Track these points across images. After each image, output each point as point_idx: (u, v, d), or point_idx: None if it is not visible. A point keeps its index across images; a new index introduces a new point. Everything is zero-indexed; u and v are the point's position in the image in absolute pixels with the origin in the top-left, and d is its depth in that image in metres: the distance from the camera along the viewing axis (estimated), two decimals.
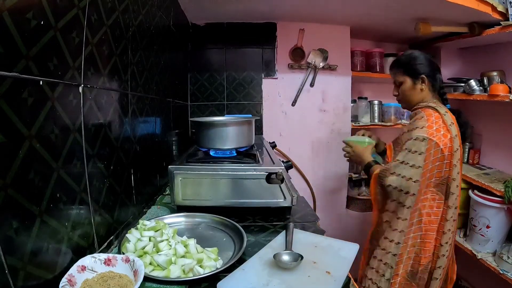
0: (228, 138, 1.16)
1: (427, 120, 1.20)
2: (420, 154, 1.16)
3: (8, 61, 0.46)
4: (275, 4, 1.80)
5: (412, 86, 1.34)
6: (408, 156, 1.17)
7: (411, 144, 1.18)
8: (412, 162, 1.16)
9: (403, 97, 1.39)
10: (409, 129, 1.24)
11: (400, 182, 1.17)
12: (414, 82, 1.33)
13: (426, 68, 1.33)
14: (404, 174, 1.17)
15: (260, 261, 0.73)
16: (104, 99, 0.80)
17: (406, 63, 1.36)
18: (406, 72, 1.35)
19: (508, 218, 1.68)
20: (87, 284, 0.60)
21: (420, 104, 1.32)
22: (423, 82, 1.32)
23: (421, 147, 1.16)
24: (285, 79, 2.20)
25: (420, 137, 1.17)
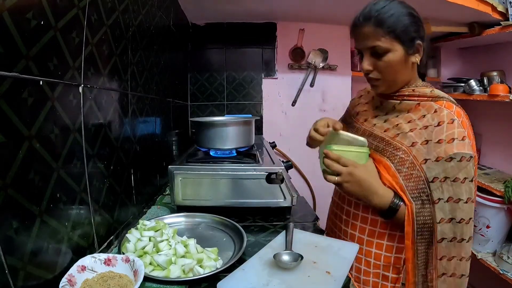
0: (228, 138, 1.16)
1: (461, 124, 0.79)
2: (471, 181, 0.77)
3: (8, 61, 0.46)
4: (275, 4, 1.80)
5: (403, 59, 0.82)
6: (457, 189, 0.77)
7: (454, 169, 0.76)
8: (466, 196, 0.77)
9: (386, 74, 0.84)
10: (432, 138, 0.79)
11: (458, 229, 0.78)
12: (407, 52, 0.82)
13: (421, 30, 0.83)
14: (461, 216, 0.77)
15: (260, 261, 0.73)
16: (104, 99, 0.80)
17: (395, 20, 0.79)
18: (396, 34, 0.80)
19: (508, 218, 1.68)
20: (87, 284, 0.60)
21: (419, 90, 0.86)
22: (417, 53, 0.84)
23: (471, 170, 0.77)
24: (285, 79, 2.20)
25: (466, 156, 0.76)
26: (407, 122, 0.85)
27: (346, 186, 0.81)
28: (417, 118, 0.83)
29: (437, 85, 2.35)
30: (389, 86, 0.87)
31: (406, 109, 0.87)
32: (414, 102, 0.85)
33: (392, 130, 0.87)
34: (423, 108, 0.83)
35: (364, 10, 0.83)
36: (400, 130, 0.85)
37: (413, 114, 0.85)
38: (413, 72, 0.87)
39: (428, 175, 0.78)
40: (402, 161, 0.82)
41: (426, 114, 0.82)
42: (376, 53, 0.82)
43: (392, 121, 0.88)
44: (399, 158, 0.82)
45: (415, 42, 0.82)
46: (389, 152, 0.85)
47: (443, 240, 0.78)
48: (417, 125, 0.82)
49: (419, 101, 0.85)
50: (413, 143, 0.81)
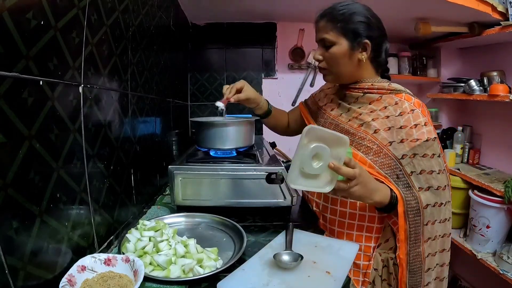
0: (228, 138, 1.16)
1: (421, 112, 0.89)
2: (439, 156, 0.88)
3: (8, 61, 0.46)
4: (275, 4, 1.80)
5: (347, 53, 0.90)
6: (429, 162, 0.87)
7: (424, 148, 0.86)
8: (437, 168, 0.88)
9: (331, 65, 0.93)
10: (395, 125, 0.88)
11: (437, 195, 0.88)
12: (352, 48, 0.89)
13: (373, 30, 0.90)
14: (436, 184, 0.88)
15: (260, 261, 0.73)
16: (104, 99, 0.80)
17: (345, 18, 0.88)
18: (343, 30, 0.88)
19: (508, 218, 1.68)
20: (87, 284, 0.60)
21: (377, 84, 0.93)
22: (364, 51, 0.90)
23: (437, 148, 0.88)
24: (285, 79, 2.20)
25: (431, 137, 0.87)
26: (369, 113, 0.93)
27: (355, 190, 0.75)
28: (378, 109, 0.92)
29: (437, 85, 2.36)
30: (335, 77, 0.97)
31: (368, 101, 0.95)
32: (376, 95, 0.93)
33: (355, 121, 0.94)
34: (385, 100, 0.92)
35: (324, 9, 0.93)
36: (363, 121, 0.93)
37: (374, 106, 0.93)
38: (360, 68, 0.93)
39: (396, 154, 0.88)
40: (368, 149, 0.90)
41: (387, 106, 0.91)
42: (325, 45, 0.92)
43: (355, 111, 0.95)
44: (365, 147, 0.91)
45: (361, 40, 0.89)
46: (355, 141, 0.92)
47: (427, 206, 0.87)
48: (379, 115, 0.91)
49: (380, 94, 0.93)
50: (376, 130, 0.90)
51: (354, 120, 0.94)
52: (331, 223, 0.99)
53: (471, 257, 1.78)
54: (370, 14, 0.92)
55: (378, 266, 0.94)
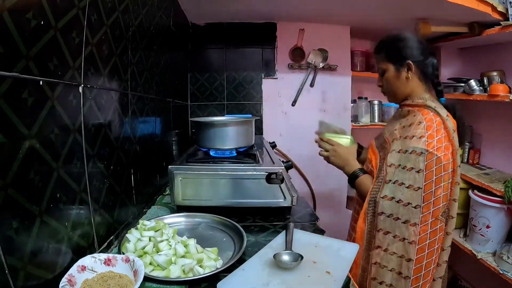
0: (228, 138, 1.16)
1: (426, 127, 0.96)
2: (418, 172, 0.93)
3: (8, 61, 0.46)
4: (275, 4, 1.80)
5: (395, 75, 1.08)
6: (402, 174, 0.95)
7: (405, 159, 0.96)
8: (408, 182, 0.94)
9: (387, 88, 1.13)
10: (402, 135, 1.01)
11: (395, 208, 0.94)
12: (397, 70, 1.07)
13: (413, 51, 1.05)
14: (400, 197, 0.94)
15: (260, 261, 0.73)
16: (104, 99, 0.80)
17: (389, 46, 1.09)
18: (388, 57, 1.08)
19: (508, 218, 1.68)
20: (87, 284, 0.60)
21: (416, 100, 1.07)
22: (409, 70, 1.06)
23: (418, 163, 0.93)
24: (285, 79, 2.20)
25: (417, 150, 0.94)
26: (399, 124, 1.08)
27: (331, 159, 1.21)
28: (404, 121, 1.07)
29: None
30: (392, 97, 1.16)
31: (403, 116, 1.10)
32: (407, 109, 1.09)
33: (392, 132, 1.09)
34: (411, 114, 1.06)
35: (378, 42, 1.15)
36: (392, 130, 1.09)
37: (404, 119, 1.08)
38: (409, 85, 1.09)
39: (388, 160, 1.01)
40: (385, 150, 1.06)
41: (408, 117, 1.06)
42: (381, 73, 1.13)
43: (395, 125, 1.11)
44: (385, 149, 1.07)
45: (404, 61, 1.06)
46: (382, 145, 1.11)
47: (382, 213, 0.97)
48: (402, 125, 1.06)
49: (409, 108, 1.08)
50: (394, 139, 1.04)
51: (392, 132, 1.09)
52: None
53: (471, 257, 1.78)
54: (411, 39, 1.07)
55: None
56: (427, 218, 0.93)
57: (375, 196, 0.99)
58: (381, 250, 0.96)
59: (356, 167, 1.13)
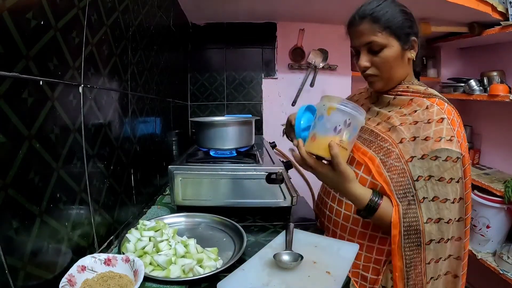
0: (228, 138, 1.16)
1: (451, 123, 0.77)
2: (458, 182, 0.77)
3: (8, 61, 0.46)
4: (275, 4, 1.80)
5: (400, 54, 0.83)
6: (442, 189, 0.76)
7: (439, 168, 0.76)
8: (452, 196, 0.76)
9: (384, 71, 0.84)
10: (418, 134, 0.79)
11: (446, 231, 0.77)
12: (403, 48, 0.83)
13: (415, 26, 0.85)
14: (449, 216, 0.76)
15: (260, 261, 0.73)
16: (104, 99, 0.80)
17: (391, 17, 0.81)
18: (392, 30, 0.81)
19: (508, 218, 1.68)
20: (87, 284, 0.60)
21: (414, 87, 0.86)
22: (413, 49, 0.85)
23: (457, 171, 0.76)
24: (285, 79, 2.20)
25: (452, 156, 0.76)
26: (398, 116, 0.84)
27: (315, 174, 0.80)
28: (408, 113, 0.83)
29: (437, 85, 2.36)
30: (386, 83, 0.88)
31: (399, 105, 0.86)
32: (408, 97, 0.85)
33: (383, 124, 0.87)
34: (415, 103, 0.83)
35: (359, 9, 0.85)
36: (391, 124, 0.84)
37: (405, 109, 0.85)
38: (408, 68, 0.88)
39: (413, 173, 0.78)
40: (389, 152, 0.81)
41: (417, 109, 0.82)
42: (372, 49, 0.83)
43: (384, 114, 0.88)
44: (386, 149, 0.82)
45: (410, 38, 0.83)
46: (376, 143, 0.85)
47: (431, 242, 0.77)
48: (408, 119, 0.82)
49: (412, 97, 0.85)
50: (402, 139, 0.81)
51: (383, 124, 0.87)
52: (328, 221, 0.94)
53: (471, 257, 1.78)
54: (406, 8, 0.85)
55: (387, 284, 0.85)
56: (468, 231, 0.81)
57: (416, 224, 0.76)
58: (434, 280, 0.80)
59: (367, 195, 0.78)
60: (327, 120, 0.71)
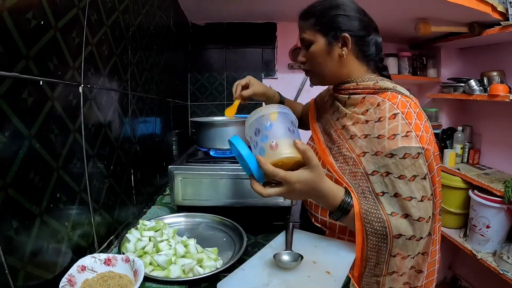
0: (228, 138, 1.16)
1: (406, 117, 0.73)
2: (424, 178, 0.72)
3: (8, 61, 0.46)
4: (275, 4, 1.80)
5: (325, 50, 0.82)
6: (404, 186, 0.72)
7: (397, 166, 0.72)
8: (419, 194, 0.72)
9: (313, 66, 0.86)
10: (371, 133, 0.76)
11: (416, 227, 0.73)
12: (329, 44, 0.81)
13: (352, 22, 0.81)
14: (419, 214, 0.72)
15: (260, 261, 0.73)
16: (104, 99, 0.80)
17: (320, 13, 0.82)
18: (317, 26, 0.82)
19: (508, 218, 1.68)
20: (87, 284, 0.60)
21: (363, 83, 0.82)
22: (345, 45, 0.81)
23: (421, 167, 0.72)
24: (285, 79, 2.20)
25: (412, 152, 0.71)
26: (351, 116, 0.82)
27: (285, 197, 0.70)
28: (360, 113, 0.81)
29: (437, 85, 2.36)
30: (319, 78, 0.89)
31: (353, 104, 0.84)
32: (360, 96, 0.82)
33: (339, 126, 0.85)
34: (368, 101, 0.80)
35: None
36: (344, 124, 0.83)
37: (358, 109, 0.82)
38: (344, 65, 0.84)
39: (367, 168, 0.75)
40: (346, 158, 0.80)
41: (369, 108, 0.79)
42: (306, 46, 0.86)
43: (340, 117, 0.86)
44: (343, 155, 0.80)
45: (338, 33, 0.80)
46: (334, 149, 0.84)
47: (400, 236, 0.72)
48: (360, 119, 0.80)
49: (364, 95, 0.82)
50: (352, 136, 0.79)
51: (338, 126, 0.85)
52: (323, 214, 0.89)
53: (471, 257, 1.78)
54: (350, 7, 0.82)
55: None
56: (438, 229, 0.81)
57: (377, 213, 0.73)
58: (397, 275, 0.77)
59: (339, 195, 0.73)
60: (277, 126, 0.67)
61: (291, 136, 0.67)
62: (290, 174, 0.66)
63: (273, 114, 0.68)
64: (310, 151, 0.66)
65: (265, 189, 0.67)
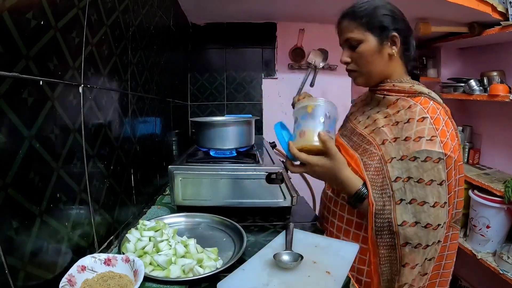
0: (228, 138, 1.16)
1: (434, 122, 0.75)
2: (440, 184, 0.73)
3: (8, 61, 0.46)
4: (275, 4, 1.80)
5: (377, 49, 0.84)
6: (421, 191, 0.73)
7: (418, 169, 0.74)
8: (432, 200, 0.73)
9: (362, 66, 0.87)
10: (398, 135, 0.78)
11: (422, 235, 0.73)
12: (381, 43, 0.83)
13: (399, 22, 0.85)
14: (427, 221, 0.73)
15: (260, 261, 0.73)
16: (104, 99, 0.80)
17: (369, 13, 0.83)
18: (369, 26, 0.83)
19: (508, 218, 1.68)
20: (87, 284, 0.60)
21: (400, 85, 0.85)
22: (394, 45, 0.84)
23: (439, 172, 0.73)
24: (285, 79, 2.20)
25: (433, 156, 0.73)
26: (383, 117, 0.85)
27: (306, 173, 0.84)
28: (392, 114, 0.84)
29: (437, 85, 2.36)
30: (366, 78, 0.90)
31: (386, 105, 0.87)
32: (394, 97, 0.85)
33: (371, 126, 0.88)
34: (400, 104, 0.83)
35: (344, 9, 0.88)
36: (376, 125, 0.86)
37: (390, 110, 0.85)
38: (391, 65, 0.87)
39: (391, 174, 0.77)
40: (372, 155, 0.82)
41: (400, 109, 0.82)
42: (351, 45, 0.86)
43: (373, 116, 0.89)
44: (370, 152, 0.83)
45: (389, 33, 0.83)
46: (362, 147, 0.86)
47: (407, 244, 0.75)
48: (391, 120, 0.83)
49: (398, 97, 0.85)
50: (384, 141, 0.81)
51: (370, 126, 0.88)
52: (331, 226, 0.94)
53: (471, 257, 1.78)
54: (393, 7, 0.86)
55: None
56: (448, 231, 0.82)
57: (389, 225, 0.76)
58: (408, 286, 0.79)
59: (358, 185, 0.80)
60: (310, 116, 0.79)
61: (319, 127, 0.78)
62: (311, 158, 0.79)
63: (309, 106, 0.80)
64: (330, 142, 0.76)
65: (293, 167, 0.84)
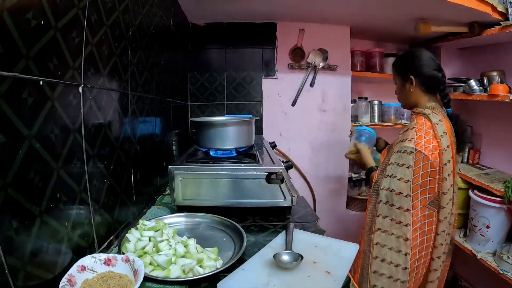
0: (228, 138, 1.16)
1: (417, 131, 1.17)
2: (408, 167, 1.12)
3: (8, 61, 0.46)
4: (275, 4, 1.80)
5: (401, 86, 1.31)
6: (396, 170, 1.15)
7: (398, 157, 1.15)
8: (399, 175, 1.13)
9: (398, 97, 1.38)
10: (400, 139, 1.21)
11: (389, 197, 1.14)
12: (403, 83, 1.30)
13: (414, 67, 1.26)
14: (393, 187, 1.14)
15: (260, 261, 0.73)
16: (104, 99, 0.80)
17: (397, 62, 1.34)
18: (397, 70, 1.33)
19: (508, 218, 1.68)
20: (87, 284, 0.60)
21: (417, 109, 1.28)
22: (411, 83, 1.26)
23: (408, 160, 1.12)
24: (285, 79, 2.20)
25: (408, 149, 1.13)
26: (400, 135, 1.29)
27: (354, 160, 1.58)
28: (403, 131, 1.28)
29: None
30: (402, 104, 1.39)
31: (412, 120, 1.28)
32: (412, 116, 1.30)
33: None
34: (411, 120, 1.28)
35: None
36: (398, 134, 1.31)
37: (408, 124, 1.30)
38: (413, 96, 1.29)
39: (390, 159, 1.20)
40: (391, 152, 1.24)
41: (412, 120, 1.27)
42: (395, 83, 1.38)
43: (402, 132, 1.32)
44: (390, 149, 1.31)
45: (408, 75, 1.28)
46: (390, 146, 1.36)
47: (380, 201, 1.18)
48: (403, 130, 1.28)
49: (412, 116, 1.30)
50: (396, 142, 1.25)
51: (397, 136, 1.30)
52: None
53: (471, 257, 1.78)
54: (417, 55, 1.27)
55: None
56: (416, 205, 1.13)
57: (377, 188, 1.20)
58: (381, 232, 1.16)
59: (371, 165, 1.44)
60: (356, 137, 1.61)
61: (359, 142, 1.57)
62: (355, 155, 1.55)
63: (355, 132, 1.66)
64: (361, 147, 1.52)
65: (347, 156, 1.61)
